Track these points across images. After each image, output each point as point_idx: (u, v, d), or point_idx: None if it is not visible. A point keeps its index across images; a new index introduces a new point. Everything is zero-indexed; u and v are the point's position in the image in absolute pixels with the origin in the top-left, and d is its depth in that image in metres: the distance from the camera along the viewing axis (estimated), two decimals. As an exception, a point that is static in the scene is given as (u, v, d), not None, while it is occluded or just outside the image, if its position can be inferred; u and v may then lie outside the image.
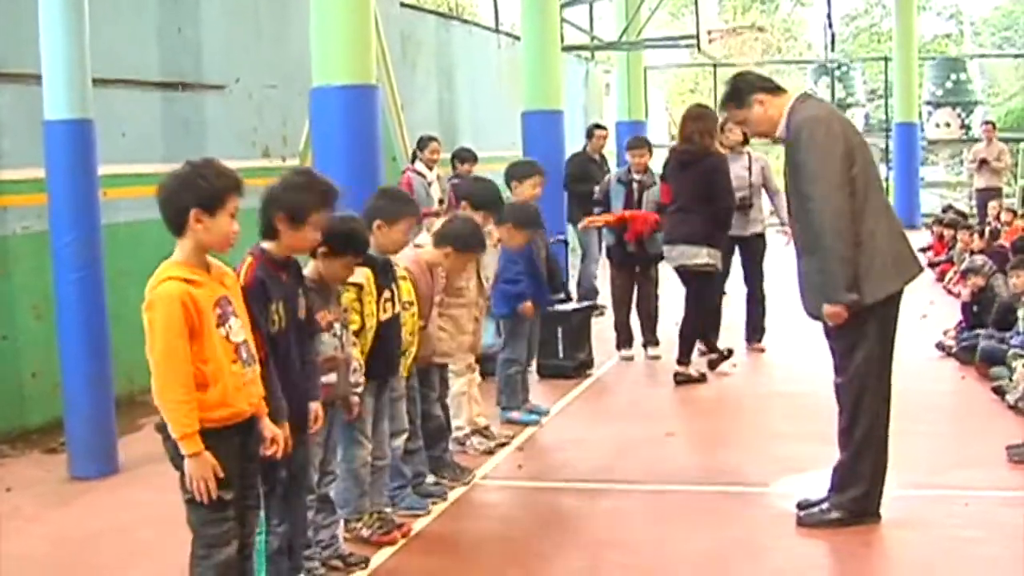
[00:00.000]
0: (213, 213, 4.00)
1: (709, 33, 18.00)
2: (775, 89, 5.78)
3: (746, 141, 10.44)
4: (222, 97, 10.69)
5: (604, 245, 10.88)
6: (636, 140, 10.61)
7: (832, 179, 5.40)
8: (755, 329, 10.58)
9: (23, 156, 8.11)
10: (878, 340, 5.58)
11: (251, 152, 10.84)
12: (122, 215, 8.89)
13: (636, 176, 10.14)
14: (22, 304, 8.32)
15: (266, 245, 4.50)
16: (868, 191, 5.51)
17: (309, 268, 4.96)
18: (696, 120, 9.19)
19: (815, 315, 5.65)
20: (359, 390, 5.26)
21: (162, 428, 4.00)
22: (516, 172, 8.49)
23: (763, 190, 10.46)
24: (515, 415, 8.05)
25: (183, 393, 3.92)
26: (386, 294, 5.49)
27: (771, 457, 7.04)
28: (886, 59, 25.67)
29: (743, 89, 5.77)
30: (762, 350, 10.45)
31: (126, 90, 9.38)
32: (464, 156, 12.29)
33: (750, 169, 10.33)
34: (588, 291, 12.48)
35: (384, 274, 5.51)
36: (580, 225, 11.02)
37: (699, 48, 17.94)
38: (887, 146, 24.22)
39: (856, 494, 5.63)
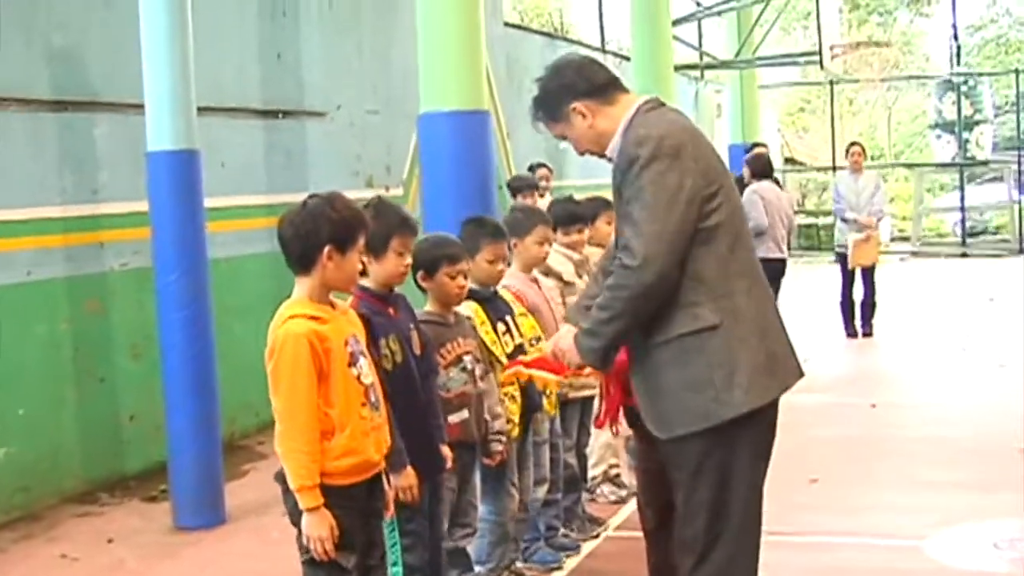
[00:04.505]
0: (344, 251, 3.77)
1: (831, 48, 17.36)
2: (604, 91, 3.87)
3: None
4: (323, 124, 10.43)
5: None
6: None
7: (668, 225, 3.58)
8: None
9: (121, 189, 7.92)
10: (748, 466, 3.84)
11: (354, 182, 10.55)
12: (222, 250, 8.56)
13: None
14: (120, 344, 8.07)
15: (364, 282, 4.27)
16: (734, 249, 3.73)
17: (427, 304, 4.81)
18: None
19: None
20: (503, 438, 4.95)
21: (282, 479, 3.77)
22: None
23: None
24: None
25: (305, 443, 3.67)
26: (501, 327, 5.18)
27: (923, 508, 6.56)
28: (1016, 72, 24.63)
29: (553, 96, 3.90)
30: None
31: (226, 119, 9.12)
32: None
33: None
34: None
35: (493, 306, 5.19)
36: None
37: (822, 65, 17.34)
38: (1020, 166, 23.11)
39: None
